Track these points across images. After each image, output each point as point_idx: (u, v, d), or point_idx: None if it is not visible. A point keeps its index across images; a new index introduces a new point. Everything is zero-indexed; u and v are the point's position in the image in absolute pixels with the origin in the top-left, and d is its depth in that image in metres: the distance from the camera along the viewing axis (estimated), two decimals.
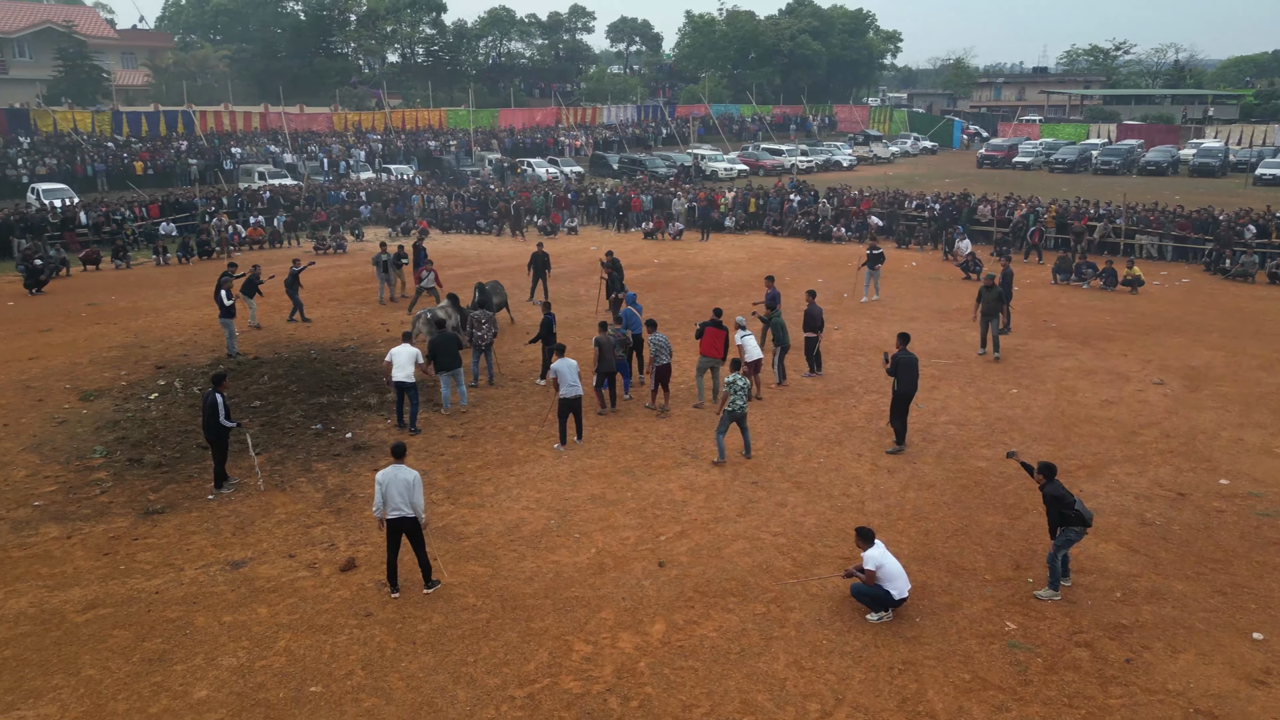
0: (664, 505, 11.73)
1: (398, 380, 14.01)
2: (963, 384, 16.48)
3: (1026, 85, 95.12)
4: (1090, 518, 9.45)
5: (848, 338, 19.59)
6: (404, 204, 37.68)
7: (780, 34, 77.95)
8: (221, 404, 11.74)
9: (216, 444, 12.01)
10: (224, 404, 11.78)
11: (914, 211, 33.24)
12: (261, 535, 10.97)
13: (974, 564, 10.28)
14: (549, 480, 12.53)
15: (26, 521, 11.31)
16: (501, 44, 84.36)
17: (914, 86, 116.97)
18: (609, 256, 21.63)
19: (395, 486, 9.34)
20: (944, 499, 11.91)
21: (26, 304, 23.58)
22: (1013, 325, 20.15)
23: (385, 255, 23.17)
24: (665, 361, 14.83)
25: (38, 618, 9.21)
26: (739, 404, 12.81)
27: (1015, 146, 57.70)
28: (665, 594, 9.66)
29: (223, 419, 11.76)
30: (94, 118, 46.69)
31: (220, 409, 11.71)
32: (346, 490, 12.23)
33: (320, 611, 9.34)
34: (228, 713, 7.83)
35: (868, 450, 13.51)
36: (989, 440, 13.86)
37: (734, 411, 12.84)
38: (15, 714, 7.79)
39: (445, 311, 17.38)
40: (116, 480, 12.52)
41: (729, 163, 51.52)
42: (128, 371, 17.47)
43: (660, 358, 14.76)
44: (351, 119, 55.56)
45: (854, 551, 10.31)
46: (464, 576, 10.03)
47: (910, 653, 8.65)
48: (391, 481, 9.36)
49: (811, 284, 24.95)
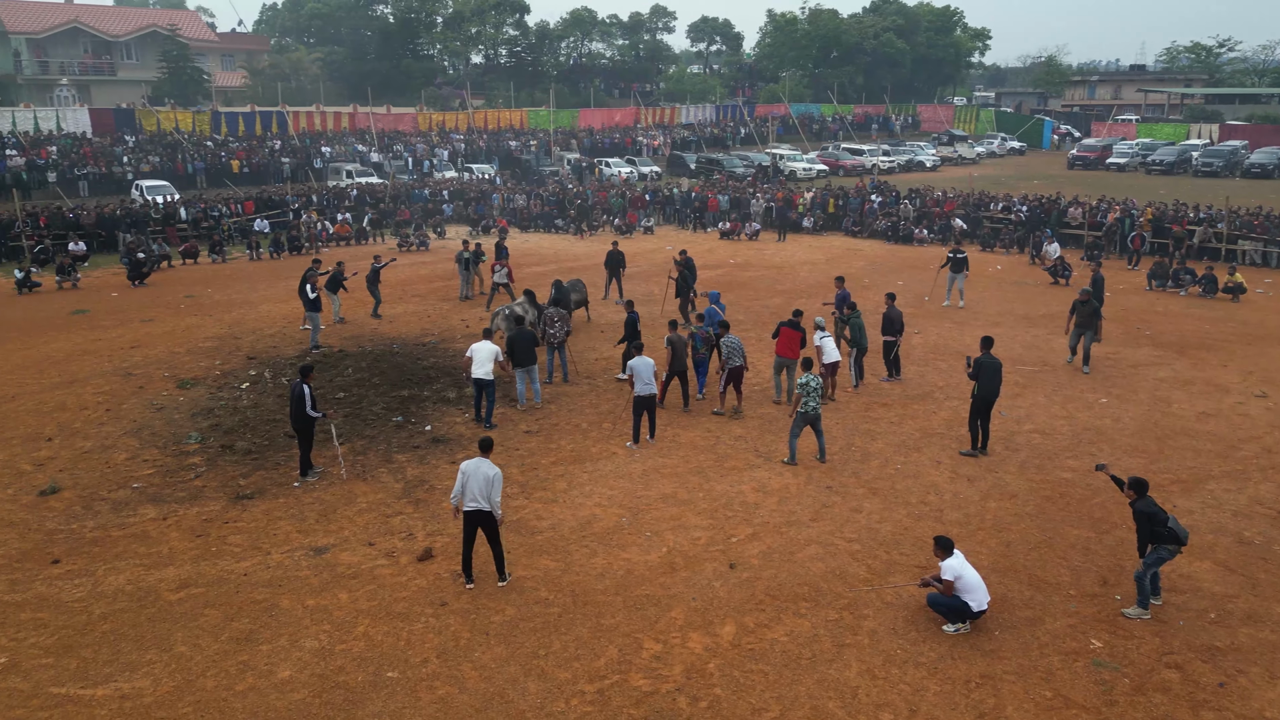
0: (736, 507, 11.67)
1: (477, 376, 14.25)
2: (1049, 392, 15.97)
3: (1123, 83, 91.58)
4: (1185, 536, 9.05)
5: (928, 342, 19.18)
6: (484, 203, 38.33)
7: (864, 32, 76.74)
8: (308, 395, 12.11)
9: (303, 433, 12.40)
10: (310, 395, 12.15)
11: (999, 214, 32.34)
12: (343, 523, 11.30)
13: (1058, 578, 9.95)
14: (621, 478, 12.59)
15: (126, 503, 11.87)
16: (582, 44, 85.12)
17: (1002, 85, 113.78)
18: (682, 255, 21.59)
19: (476, 479, 9.51)
20: (1026, 510, 11.56)
21: (129, 295, 24.75)
22: (1105, 333, 19.44)
23: (466, 253, 23.60)
24: (738, 364, 14.75)
25: (134, 594, 9.66)
26: (812, 405, 12.68)
27: (1109, 147, 55.65)
28: (736, 596, 9.62)
29: (309, 409, 12.13)
30: (194, 118, 48.71)
31: (307, 399, 12.09)
32: (425, 482, 12.50)
33: (398, 599, 9.58)
34: (309, 693, 8.09)
35: (947, 458, 13.20)
36: (1075, 451, 13.40)
37: (807, 413, 12.71)
38: (112, 685, 8.19)
39: (523, 308, 17.63)
40: (210, 465, 13.06)
41: (808, 163, 50.96)
42: (221, 361, 18.18)
43: (732, 359, 14.69)
44: (436, 119, 56.75)
45: (931, 560, 10.09)
46: (536, 570, 10.15)
47: (989, 667, 8.43)
48: (473, 473, 9.52)
49: (891, 287, 24.51)
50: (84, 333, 20.52)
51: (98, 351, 18.90)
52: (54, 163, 39.48)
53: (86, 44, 61.56)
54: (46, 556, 10.45)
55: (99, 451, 13.57)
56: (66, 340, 19.83)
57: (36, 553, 10.55)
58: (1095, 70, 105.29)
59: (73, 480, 12.53)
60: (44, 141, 42.31)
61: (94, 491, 12.19)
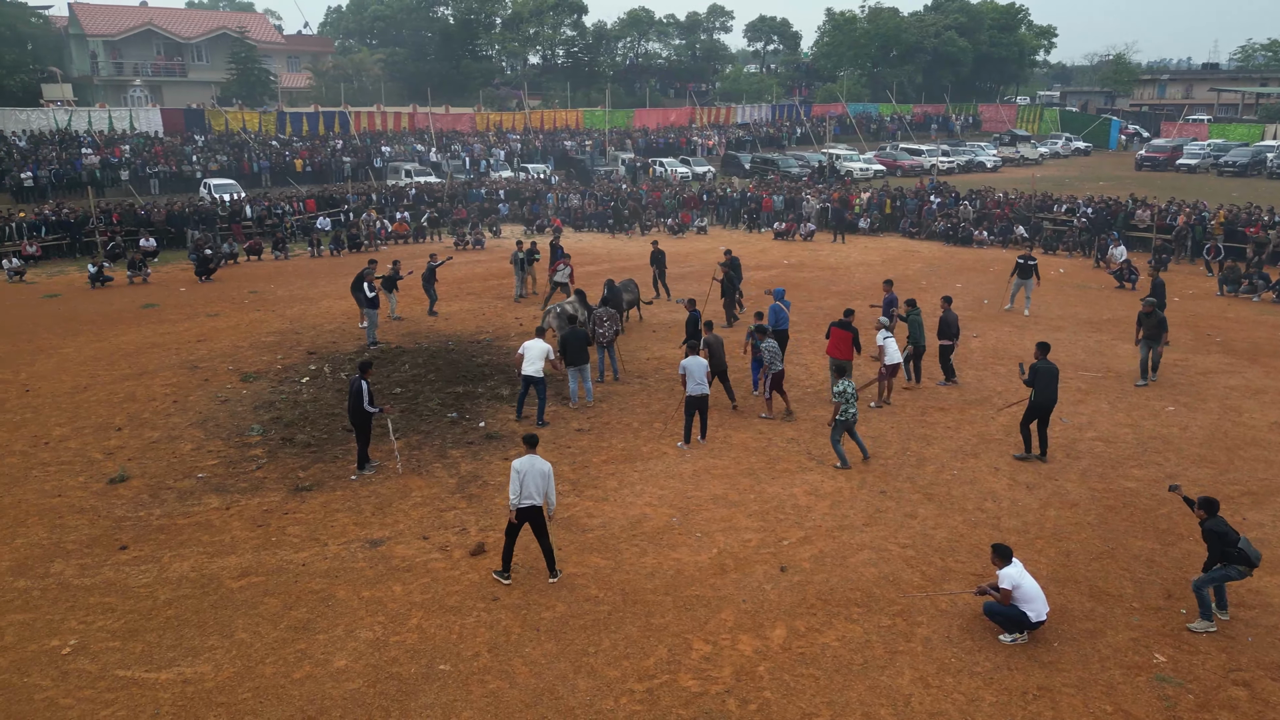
0: (787, 509, 11.58)
1: (527, 374, 14.38)
2: (1113, 399, 15.55)
3: (1194, 82, 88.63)
4: (1257, 558, 8.76)
5: (987, 345, 18.81)
6: (539, 203, 38.62)
7: (924, 30, 75.51)
8: (366, 390, 12.32)
9: (360, 428, 12.64)
10: (369, 390, 12.37)
11: (1063, 216, 31.57)
12: (399, 516, 11.48)
13: (1120, 590, 9.68)
14: (672, 478, 12.58)
15: (190, 492, 12.23)
16: (639, 45, 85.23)
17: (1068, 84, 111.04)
18: (727, 255, 21.51)
19: (531, 476, 9.58)
20: (1088, 519, 11.27)
21: (196, 290, 25.48)
22: (1174, 338, 18.90)
23: (521, 253, 23.77)
24: (780, 368, 14.66)
25: (198, 581, 9.94)
26: (850, 413, 12.65)
27: (1180, 148, 53.93)
28: (787, 599, 9.54)
29: (367, 405, 12.34)
30: (260, 118, 49.94)
31: (365, 394, 12.31)
32: (478, 477, 12.64)
33: (450, 593, 9.70)
34: (364, 683, 8.24)
35: (1005, 464, 12.93)
36: (1141, 460, 13.02)
37: (845, 421, 12.69)
38: (175, 669, 8.44)
39: (574, 307, 17.73)
40: (271, 457, 13.38)
41: (865, 163, 50.34)
42: (283, 356, 18.61)
43: (774, 364, 14.60)
44: (493, 119, 57.35)
45: (988, 569, 9.90)
46: (587, 568, 10.20)
47: (1046, 678, 8.23)
48: (529, 470, 9.59)
49: (949, 289, 24.11)
50: (153, 326, 21.18)
51: (166, 344, 19.50)
52: (126, 161, 40.82)
53: (159, 46, 63.50)
54: (115, 543, 10.81)
55: (166, 442, 13.99)
56: (136, 333, 20.49)
57: (105, 539, 10.92)
58: (1166, 69, 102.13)
59: (141, 469, 12.95)
60: (117, 141, 43.77)
61: (161, 480, 12.57)
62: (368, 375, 12.58)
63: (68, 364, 18.13)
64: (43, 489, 12.33)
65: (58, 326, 21.09)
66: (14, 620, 9.20)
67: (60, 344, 19.59)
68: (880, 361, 15.26)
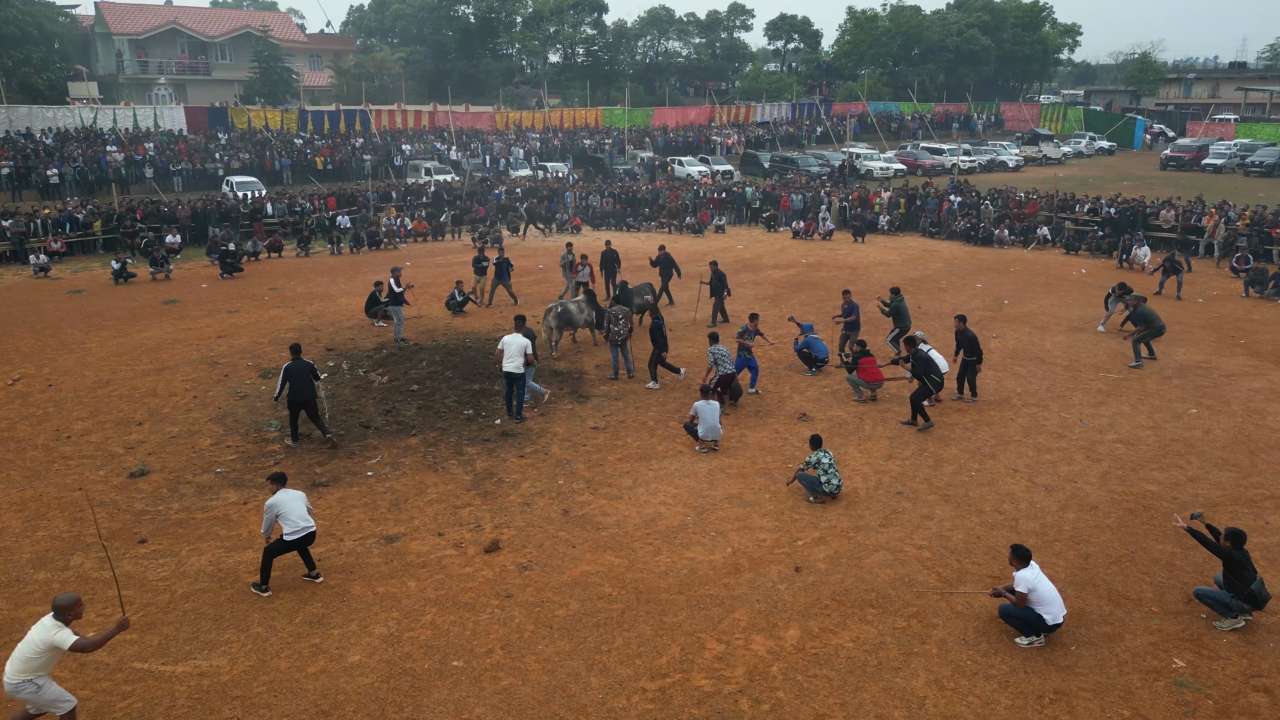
0: (802, 510, 11.52)
1: (507, 370, 14.35)
2: (1134, 401, 15.37)
3: (1221, 81, 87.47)
4: (1264, 600, 8.81)
5: (1006, 346, 18.65)
6: (557, 201, 38.66)
7: (947, 29, 74.99)
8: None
9: (310, 407, 13.56)
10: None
11: (1086, 216, 31.25)
12: (414, 513, 11.53)
13: (1139, 594, 9.57)
14: (687, 477, 12.56)
15: (209, 486, 12.33)
16: (659, 43, 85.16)
17: (1092, 83, 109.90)
18: (713, 266, 20.77)
19: (292, 505, 9.60)
20: (1107, 522, 11.14)
21: (218, 287, 25.70)
22: (1197, 340, 18.73)
23: (571, 255, 23.56)
24: (728, 370, 14.82)
25: (215, 575, 10.02)
26: (835, 484, 11.59)
27: (1205, 147, 53.25)
28: (801, 599, 9.50)
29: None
30: (283, 116, 50.32)
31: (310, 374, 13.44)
32: (494, 474, 12.66)
33: (464, 589, 9.72)
34: (378, 678, 8.27)
35: (1024, 465, 12.81)
36: (1162, 463, 12.85)
37: (832, 494, 11.61)
38: (191, 663, 8.51)
39: (579, 306, 17.78)
40: (288, 453, 13.46)
41: (885, 162, 50.05)
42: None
43: (723, 366, 14.72)
44: (513, 118, 57.48)
45: (1004, 571, 9.82)
46: (601, 566, 10.19)
47: (1063, 682, 8.15)
48: (288, 501, 9.59)
49: (969, 289, 23.96)
50: (174, 322, 21.37)
51: (187, 340, 19.68)
52: (150, 159, 41.24)
53: (184, 44, 64.11)
54: (134, 536, 10.91)
55: (185, 436, 14.12)
56: (158, 329, 20.68)
57: (125, 532, 11.03)
58: (1192, 67, 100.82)
59: (160, 464, 13.07)
60: (142, 138, 44.22)
61: (180, 475, 12.68)
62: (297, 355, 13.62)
63: (90, 359, 18.33)
64: (64, 482, 12.48)
65: (81, 322, 21.33)
66: (34, 612, 9.28)
67: (83, 339, 19.81)
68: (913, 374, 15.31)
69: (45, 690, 7.16)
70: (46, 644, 7.06)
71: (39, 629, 7.15)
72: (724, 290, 20.68)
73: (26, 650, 7.08)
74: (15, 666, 7.06)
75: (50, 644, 7.05)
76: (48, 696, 7.19)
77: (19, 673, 7.05)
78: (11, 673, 7.06)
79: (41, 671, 7.12)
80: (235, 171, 41.18)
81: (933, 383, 14.27)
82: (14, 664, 7.07)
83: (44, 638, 7.08)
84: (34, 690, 7.11)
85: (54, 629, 7.11)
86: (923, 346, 15.22)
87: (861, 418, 14.72)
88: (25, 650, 7.09)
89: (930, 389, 14.33)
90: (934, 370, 14.34)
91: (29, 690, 7.10)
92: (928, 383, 14.28)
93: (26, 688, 7.09)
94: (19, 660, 7.07)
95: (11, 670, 7.07)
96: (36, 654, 7.06)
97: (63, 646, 7.07)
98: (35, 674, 7.09)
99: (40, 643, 7.07)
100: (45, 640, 7.06)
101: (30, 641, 7.11)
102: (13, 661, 7.09)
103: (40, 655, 7.07)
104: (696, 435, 13.38)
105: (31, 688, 7.09)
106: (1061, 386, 16.12)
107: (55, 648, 7.07)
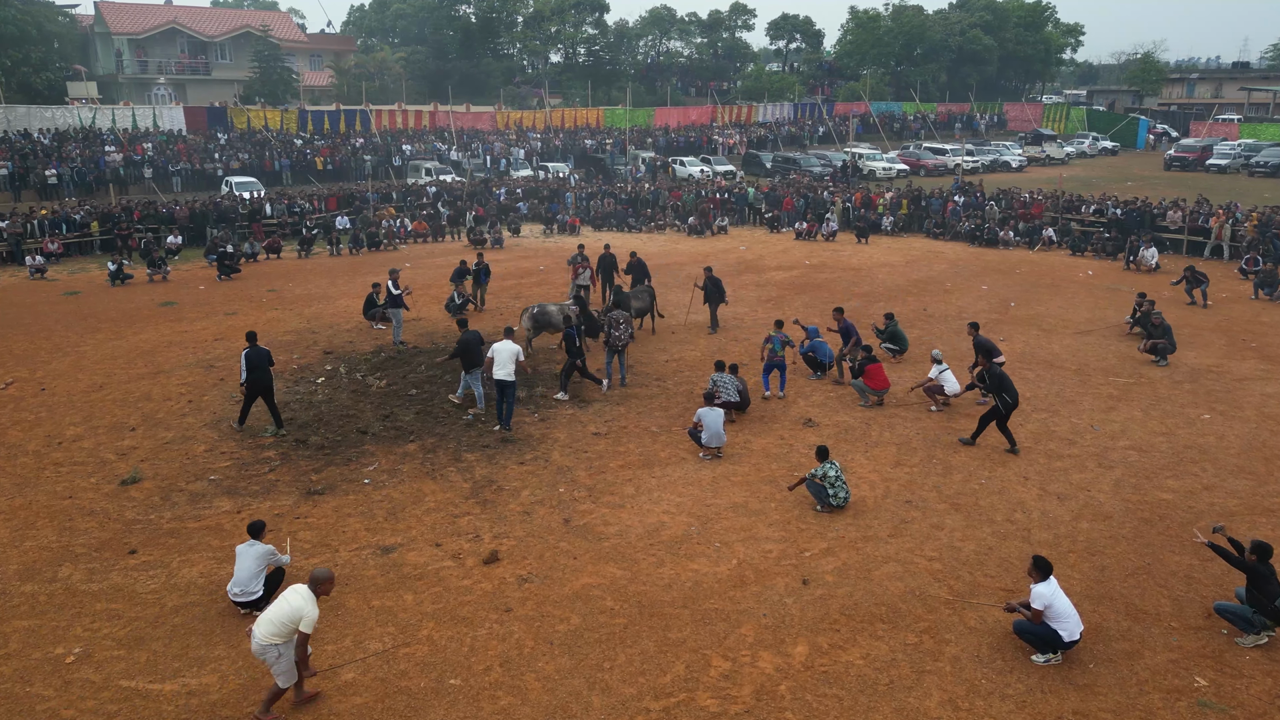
0: (809, 519, 11.25)
1: (498, 378, 13.96)
2: (1146, 406, 15.08)
3: (1224, 81, 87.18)
4: None
5: (1014, 350, 18.34)
6: (557, 201, 38.39)
7: (949, 28, 74.66)
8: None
9: (266, 391, 13.95)
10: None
11: (1092, 216, 30.96)
12: (411, 522, 11.25)
13: (1158, 608, 9.29)
14: (690, 484, 12.28)
15: (202, 494, 12.05)
16: (661, 43, 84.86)
17: (1094, 83, 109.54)
18: (707, 271, 20.17)
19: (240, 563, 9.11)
20: (1122, 533, 10.86)
21: (215, 288, 25.43)
22: (1208, 344, 18.47)
23: (581, 256, 23.21)
24: (733, 399, 14.23)
25: (206, 588, 9.75)
26: (842, 496, 11.32)
27: (1209, 148, 52.94)
28: (809, 614, 9.22)
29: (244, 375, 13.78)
30: (283, 116, 50.04)
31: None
32: (493, 482, 12.39)
33: (462, 603, 9.45)
34: (373, 697, 8.00)
35: (1035, 473, 12.53)
36: (1176, 470, 12.57)
37: (840, 506, 11.36)
38: (180, 680, 8.23)
39: (563, 309, 17.57)
40: (284, 460, 13.19)
41: (888, 162, 49.76)
42: (299, 355, 18.47)
43: (726, 394, 14.15)
44: (514, 118, 57.20)
45: (1018, 584, 9.55)
46: (603, 578, 9.91)
47: (1082, 702, 7.87)
48: (239, 558, 9.13)
49: (974, 291, 23.66)
50: (171, 324, 21.10)
51: (183, 343, 19.41)
52: (149, 159, 40.98)
53: (183, 44, 63.84)
54: (124, 546, 10.64)
55: (179, 442, 13.85)
56: (154, 331, 20.42)
57: (115, 542, 10.75)
58: (1195, 67, 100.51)
59: (153, 470, 12.80)
60: (140, 138, 43.96)
61: (172, 482, 12.41)
62: (253, 342, 13.94)
63: (84, 362, 18.07)
64: (54, 490, 12.20)
65: (76, 324, 21.07)
66: (19, 626, 9.04)
67: (78, 342, 19.55)
68: (935, 393, 15.06)
69: (285, 658, 7.43)
70: (299, 613, 7.36)
71: (296, 596, 7.44)
72: (720, 297, 19.90)
73: (281, 614, 7.36)
74: (268, 629, 7.34)
75: (301, 614, 7.36)
76: (284, 666, 7.46)
77: (270, 635, 7.34)
78: (262, 634, 7.34)
79: (286, 640, 7.40)
80: (235, 172, 40.92)
81: (1004, 404, 12.95)
82: (268, 626, 7.35)
83: (299, 606, 7.39)
84: (276, 656, 7.40)
85: (309, 601, 7.43)
86: (939, 366, 15.03)
87: (868, 423, 14.44)
88: (280, 614, 7.37)
89: (1004, 408, 13.00)
90: (1008, 389, 13.02)
91: (273, 654, 7.40)
92: (1000, 402, 12.98)
93: (271, 651, 7.38)
94: (273, 624, 7.35)
95: (263, 632, 7.35)
96: (290, 620, 7.35)
97: (310, 619, 7.39)
98: (282, 641, 7.37)
99: (295, 610, 7.37)
100: (299, 610, 7.37)
101: (286, 607, 7.39)
102: (267, 624, 7.36)
103: (291, 623, 7.35)
104: (700, 442, 13.11)
105: (275, 652, 7.39)
106: (1071, 391, 15.84)
107: (302, 619, 7.36)
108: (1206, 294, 22.08)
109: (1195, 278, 22.19)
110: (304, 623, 7.37)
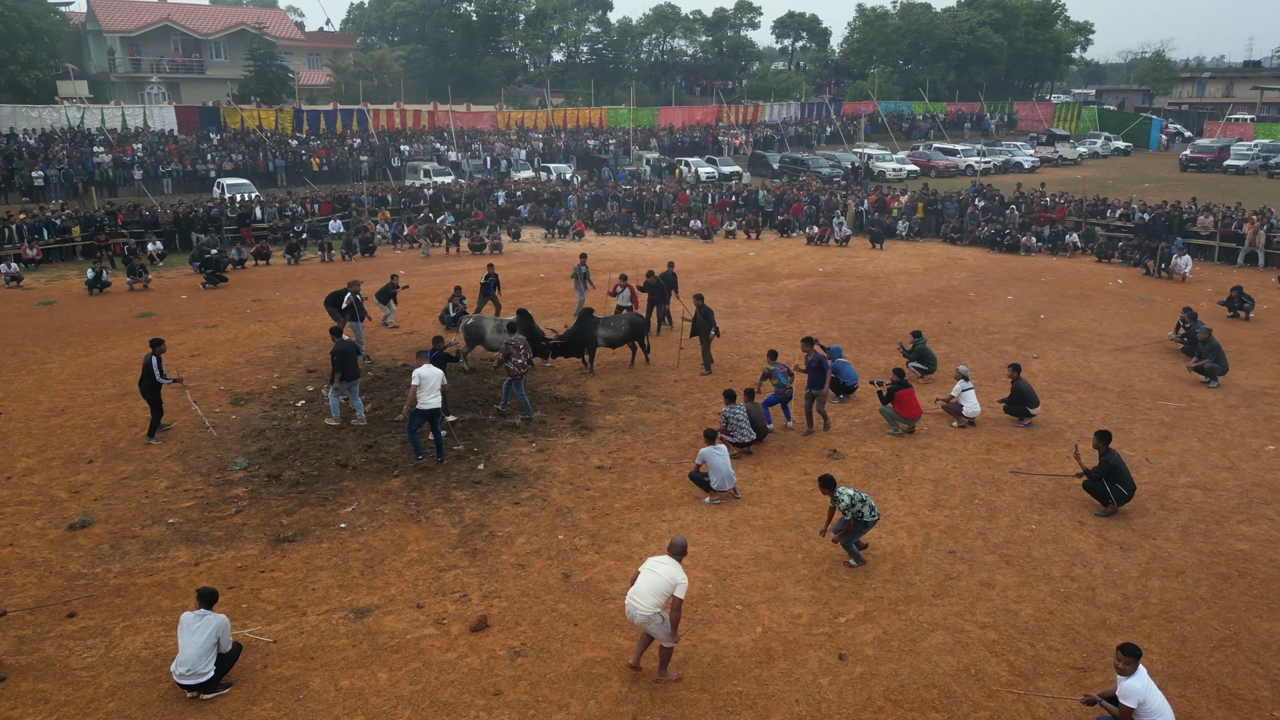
0: (841, 573, 9.93)
1: (427, 408, 12.55)
2: (1203, 435, 13.75)
3: (1235, 80, 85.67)
4: None
5: (1049, 368, 17.03)
6: (559, 205, 37.09)
7: (958, 27, 73.21)
8: (156, 364, 13.48)
9: (153, 402, 13.69)
10: (159, 364, 13.54)
11: (1118, 221, 29.61)
12: (391, 577, 9.94)
13: (1254, 691, 7.97)
14: (705, 530, 10.97)
15: (158, 542, 10.74)
16: (665, 41, 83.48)
17: (1101, 82, 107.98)
18: (698, 300, 17.09)
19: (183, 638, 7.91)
20: (1199, 592, 9.54)
21: (197, 298, 24.12)
22: (1261, 363, 17.15)
23: (584, 266, 21.93)
24: (750, 437, 12.98)
25: (149, 662, 8.44)
26: (875, 512, 10.00)
27: (1226, 148, 51.52)
28: (849, 698, 7.91)
29: (158, 377, 13.46)
30: (277, 115, 48.73)
31: (155, 369, 13.44)
32: (485, 527, 11.08)
33: (445, 684, 8.13)
34: None
35: (1090, 516, 11.20)
36: (1248, 513, 11.25)
37: (868, 524, 9.98)
38: None
39: (499, 325, 16.37)
40: (253, 499, 11.88)
41: (898, 163, 48.42)
42: (280, 374, 17.19)
43: (740, 433, 12.86)
44: (515, 117, 55.88)
45: (1087, 658, 8.25)
46: (607, 651, 8.60)
47: None
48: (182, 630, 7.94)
49: (999, 300, 22.33)
50: (146, 338, 19.54)
51: None
52: (139, 160, 39.69)
53: (177, 42, 62.51)
54: (63, 609, 9.32)
55: (139, 477, 12.54)
56: (128, 346, 19.11)
57: (54, 601, 9.45)
58: (1205, 66, 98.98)
59: (106, 512, 11.49)
60: (130, 139, 42.68)
61: (126, 527, 11.10)
62: (158, 351, 13.64)
63: (49, 381, 16.79)
64: None
65: (46, 339, 19.77)
66: None
67: (44, 358, 18.26)
68: (955, 412, 13.87)
69: (667, 622, 7.84)
70: (674, 580, 7.80)
71: (666, 566, 7.91)
72: (711, 329, 16.82)
73: (659, 584, 7.80)
74: (651, 600, 7.77)
75: (676, 581, 7.80)
76: (668, 629, 7.87)
77: (655, 606, 7.77)
78: (647, 606, 7.76)
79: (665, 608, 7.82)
80: (227, 173, 39.65)
81: (1120, 496, 11.13)
82: (650, 598, 7.78)
83: (674, 573, 7.84)
84: (660, 621, 7.81)
85: (679, 568, 7.91)
86: (964, 384, 13.86)
87: (899, 455, 13.12)
88: (658, 584, 7.80)
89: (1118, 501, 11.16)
90: (1124, 480, 11.16)
91: (657, 621, 7.80)
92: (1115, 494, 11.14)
93: (656, 618, 7.79)
94: (654, 594, 7.78)
95: (647, 604, 7.77)
96: (668, 587, 7.77)
97: (684, 585, 7.84)
98: (663, 608, 7.79)
99: (672, 578, 7.81)
100: (674, 577, 7.82)
101: (663, 577, 7.81)
102: (649, 595, 7.78)
103: (669, 590, 7.77)
104: (708, 487, 11.74)
105: (659, 618, 7.80)
106: (1118, 417, 14.50)
107: (677, 585, 7.79)
108: (1250, 311, 20.66)
109: (1240, 300, 20.65)
110: (679, 589, 7.78)
